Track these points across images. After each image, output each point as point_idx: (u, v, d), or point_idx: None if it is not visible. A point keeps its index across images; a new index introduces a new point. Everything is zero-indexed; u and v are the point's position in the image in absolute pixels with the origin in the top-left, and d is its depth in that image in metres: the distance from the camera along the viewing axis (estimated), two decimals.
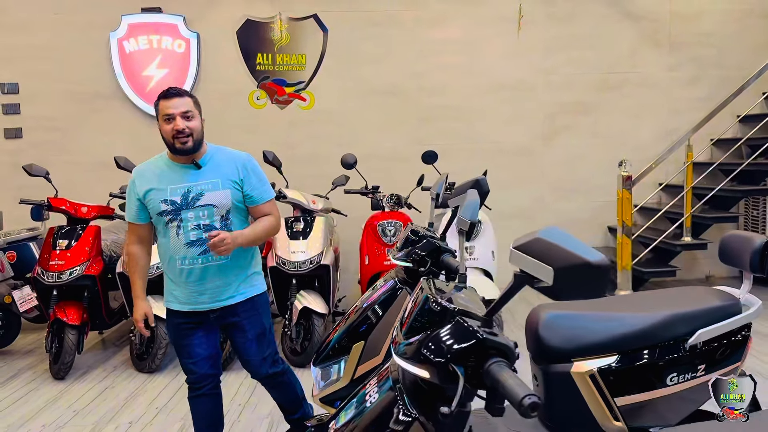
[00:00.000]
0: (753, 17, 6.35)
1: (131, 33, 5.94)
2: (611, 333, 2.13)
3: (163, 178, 2.52)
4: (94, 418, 3.62)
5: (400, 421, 1.13)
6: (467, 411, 1.18)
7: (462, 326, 1.11)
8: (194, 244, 2.49)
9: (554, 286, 0.99)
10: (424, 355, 1.09)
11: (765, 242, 2.21)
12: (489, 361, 1.04)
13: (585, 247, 1.00)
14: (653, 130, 6.31)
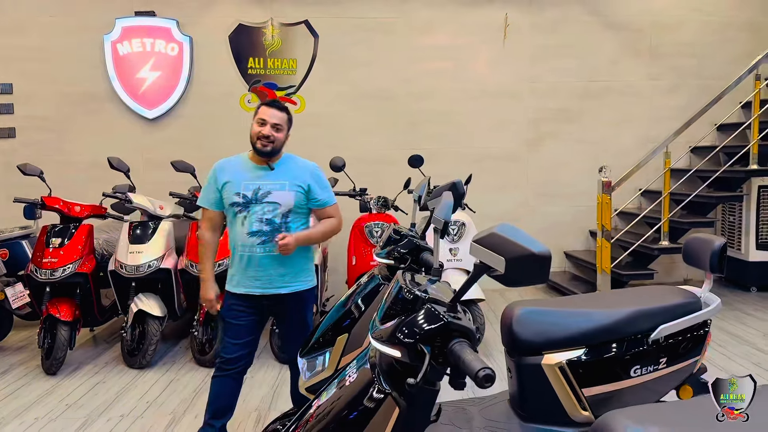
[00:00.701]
0: (732, 29, 6.56)
1: (125, 36, 6.05)
2: (580, 328, 2.28)
3: (241, 173, 2.85)
4: (85, 412, 3.71)
5: (374, 397, 1.26)
6: (436, 390, 1.31)
7: (430, 311, 1.24)
8: (255, 234, 2.78)
9: (505, 274, 1.14)
10: (397, 337, 1.22)
11: (723, 244, 2.36)
12: (452, 341, 1.18)
13: (532, 240, 1.15)
14: (634, 137, 6.50)
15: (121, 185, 4.98)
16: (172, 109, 6.23)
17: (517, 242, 1.14)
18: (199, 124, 6.27)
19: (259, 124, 2.82)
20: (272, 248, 2.76)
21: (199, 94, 6.25)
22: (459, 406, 2.59)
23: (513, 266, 1.13)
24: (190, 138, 6.23)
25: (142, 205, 4.70)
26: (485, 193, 6.16)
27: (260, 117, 2.82)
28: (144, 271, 4.47)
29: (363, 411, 1.25)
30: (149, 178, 5.92)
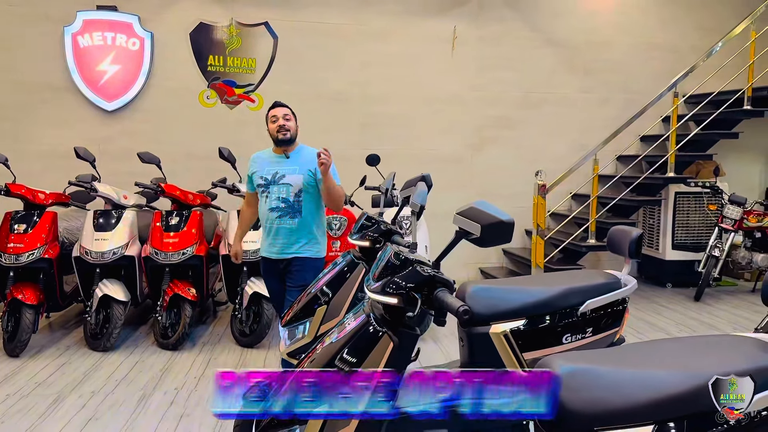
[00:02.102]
0: (655, 50, 7.26)
1: (86, 29, 6.14)
2: (521, 302, 2.70)
3: (265, 162, 3.62)
4: (56, 389, 3.88)
5: (374, 335, 1.61)
6: (417, 334, 1.67)
7: (420, 269, 1.61)
8: (274, 209, 3.51)
9: (480, 237, 1.53)
10: (395, 287, 1.58)
11: (640, 234, 2.85)
12: (437, 289, 1.55)
13: (500, 211, 1.54)
14: (567, 145, 7.08)
15: (84, 175, 5.10)
16: (132, 102, 6.35)
17: (489, 213, 1.53)
18: (158, 118, 6.42)
19: (273, 122, 3.57)
20: (287, 220, 3.48)
21: (158, 89, 6.39)
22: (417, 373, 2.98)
23: (486, 231, 1.52)
24: (148, 131, 6.36)
25: (107, 195, 4.86)
26: (433, 192, 6.55)
27: (272, 116, 3.59)
28: (109, 258, 4.64)
29: (364, 345, 1.60)
30: (106, 169, 6.00)
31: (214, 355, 4.58)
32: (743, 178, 7.55)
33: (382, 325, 1.62)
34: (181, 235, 4.77)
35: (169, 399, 3.74)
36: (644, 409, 1.65)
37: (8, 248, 4.50)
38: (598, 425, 1.65)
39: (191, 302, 4.69)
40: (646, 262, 7.24)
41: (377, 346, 1.58)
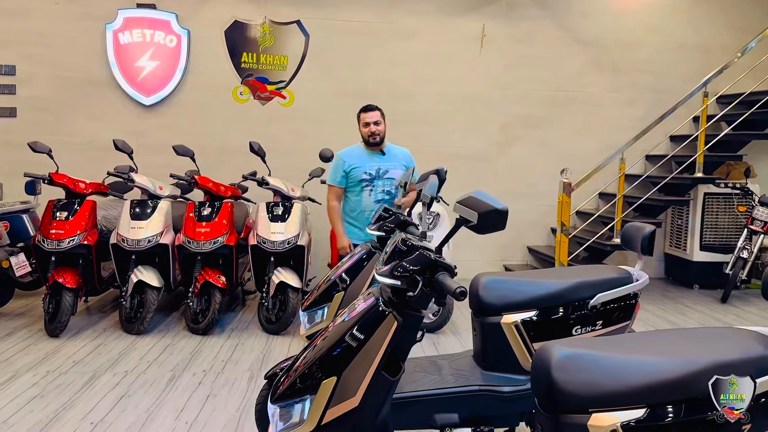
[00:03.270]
0: (685, 50, 7.20)
1: (126, 26, 6.40)
2: (533, 294, 2.79)
3: (363, 159, 4.05)
4: (92, 368, 4.10)
5: (380, 314, 1.73)
6: (421, 316, 1.79)
7: (423, 254, 1.72)
8: (380, 201, 4.01)
9: (477, 224, 1.63)
10: (400, 271, 1.70)
11: (653, 231, 2.91)
12: (438, 273, 1.66)
13: (496, 201, 1.65)
14: (594, 144, 7.08)
15: (122, 165, 5.34)
16: (168, 97, 6.59)
17: (486, 202, 1.64)
18: (193, 113, 6.65)
19: (365, 126, 4.07)
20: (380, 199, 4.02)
21: (194, 84, 6.62)
22: (431, 360, 3.09)
23: (482, 218, 1.63)
24: (183, 125, 6.60)
25: (144, 185, 5.09)
26: (457, 189, 6.57)
27: (364, 121, 4.06)
28: (144, 246, 4.86)
29: (371, 324, 1.72)
30: (142, 161, 6.24)
31: (241, 340, 4.76)
32: None
33: (389, 306, 1.74)
34: (213, 225, 4.97)
35: (198, 380, 3.93)
36: (637, 392, 1.73)
37: (51, 234, 4.76)
38: (593, 406, 1.74)
39: (221, 289, 4.88)
40: (673, 263, 7.20)
41: (382, 325, 1.70)
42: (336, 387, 1.67)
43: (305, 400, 1.70)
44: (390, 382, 1.72)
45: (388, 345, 1.69)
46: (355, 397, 1.66)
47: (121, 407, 3.50)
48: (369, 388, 1.67)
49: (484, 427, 2.72)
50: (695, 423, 1.72)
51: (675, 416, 1.72)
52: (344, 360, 1.68)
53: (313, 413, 1.67)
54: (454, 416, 2.72)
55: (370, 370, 1.67)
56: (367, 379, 1.67)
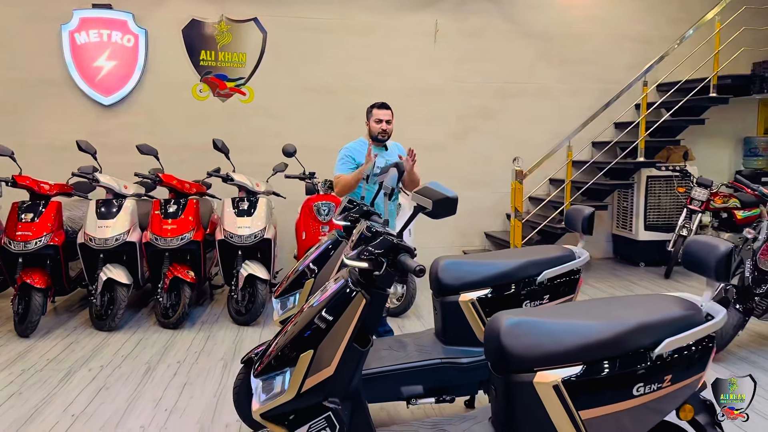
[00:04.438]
0: (627, 41, 7.61)
1: (82, 26, 6.41)
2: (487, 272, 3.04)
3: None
4: (67, 364, 4.21)
5: (349, 293, 1.95)
6: (386, 294, 2.01)
7: (386, 239, 1.95)
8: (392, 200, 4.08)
9: (432, 210, 1.87)
10: (366, 254, 1.92)
11: (592, 212, 3.20)
12: (399, 254, 1.89)
13: (447, 190, 1.89)
14: (544, 133, 7.41)
15: (85, 166, 5.40)
16: (128, 97, 6.64)
17: (439, 191, 1.88)
18: (153, 111, 6.71)
19: (376, 122, 4.09)
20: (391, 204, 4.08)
21: (153, 83, 6.68)
22: (397, 338, 3.34)
23: (436, 205, 1.86)
24: (144, 124, 6.65)
25: (109, 185, 5.17)
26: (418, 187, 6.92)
27: (377, 118, 4.09)
28: (112, 244, 4.95)
29: (342, 302, 1.94)
30: (104, 161, 6.28)
31: (212, 332, 4.91)
32: (713, 163, 7.93)
33: (357, 286, 1.96)
34: (179, 221, 5.09)
35: (173, 371, 4.08)
36: (575, 351, 2.00)
37: (17, 236, 4.80)
38: (538, 366, 2.00)
39: (190, 284, 5.02)
40: (620, 242, 7.63)
41: (353, 302, 1.92)
42: (313, 359, 1.88)
43: (285, 373, 1.91)
44: (360, 353, 1.94)
45: (358, 320, 1.91)
46: (330, 367, 1.88)
47: (100, 399, 3.63)
48: (342, 358, 1.89)
49: (446, 396, 2.98)
50: (624, 375, 2.00)
51: (607, 370, 1.99)
52: (319, 335, 1.89)
53: (293, 383, 1.88)
54: (419, 388, 2.98)
55: (343, 342, 1.89)
56: (341, 351, 1.89)
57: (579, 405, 1.97)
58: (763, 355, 4.37)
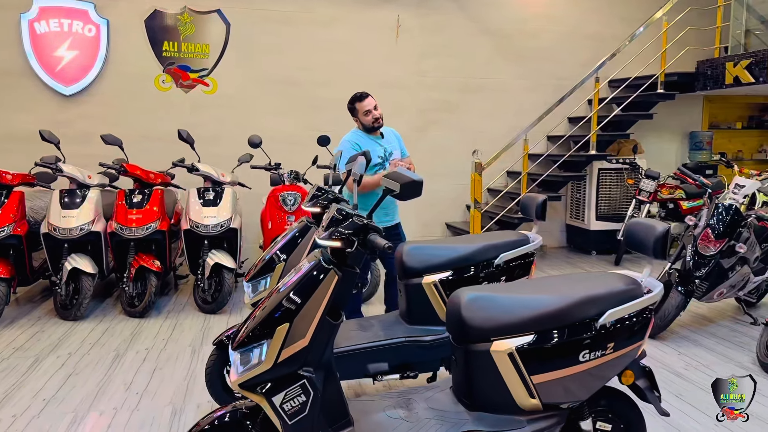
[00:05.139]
0: (581, 39, 7.91)
1: (42, 15, 6.33)
2: (448, 257, 3.23)
3: (370, 142, 4.10)
4: (34, 352, 4.23)
5: (322, 270, 2.09)
6: (356, 272, 2.17)
7: (357, 220, 2.11)
8: None
9: (400, 193, 2.04)
10: (338, 235, 2.07)
11: (544, 200, 3.42)
12: (369, 234, 2.05)
13: (414, 174, 2.06)
14: (503, 127, 7.66)
15: (48, 156, 5.37)
16: (89, 87, 6.59)
17: (406, 175, 2.05)
18: (115, 102, 6.68)
19: (365, 114, 4.10)
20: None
21: (115, 73, 6.65)
22: (364, 320, 3.51)
23: (404, 188, 2.03)
24: (106, 114, 6.62)
25: (73, 174, 5.17)
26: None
27: (365, 109, 4.09)
28: (76, 234, 4.97)
29: (315, 278, 2.08)
30: (65, 151, 6.23)
31: (179, 320, 4.99)
32: (661, 156, 8.33)
33: (330, 264, 2.11)
34: (144, 211, 5.13)
35: (142, 357, 4.16)
36: (526, 322, 2.20)
37: None
38: (494, 336, 2.20)
39: (156, 273, 5.07)
40: (573, 232, 7.96)
41: (326, 279, 2.07)
42: (289, 331, 2.02)
43: (262, 345, 2.05)
44: (333, 326, 2.09)
45: (330, 295, 2.06)
46: (305, 338, 2.03)
47: (70, 384, 3.69)
48: (316, 330, 2.04)
49: (410, 372, 3.16)
50: (571, 343, 2.21)
51: (556, 339, 2.20)
52: (295, 309, 2.04)
53: (270, 354, 2.02)
54: (384, 365, 3.15)
55: (317, 315, 2.04)
56: (315, 323, 2.04)
57: (531, 370, 2.18)
58: (702, 334, 4.70)
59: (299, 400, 2.03)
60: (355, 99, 4.14)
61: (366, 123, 4.11)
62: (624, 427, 2.47)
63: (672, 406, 3.42)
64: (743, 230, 4.50)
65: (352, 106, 4.16)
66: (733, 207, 4.46)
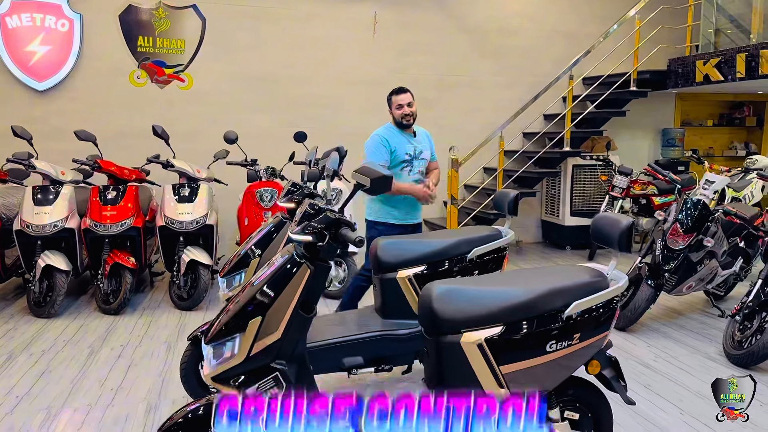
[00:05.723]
0: (556, 36, 8.01)
1: (14, 9, 6.25)
2: (422, 251, 3.27)
3: (401, 140, 4.06)
4: (7, 350, 4.19)
5: (295, 264, 2.12)
6: (329, 266, 2.20)
7: (329, 215, 2.14)
8: (417, 181, 4.07)
9: (370, 187, 2.07)
10: (310, 229, 2.10)
11: (516, 195, 3.48)
12: (341, 228, 2.09)
13: (383, 169, 2.09)
14: (479, 124, 7.72)
15: (20, 152, 5.30)
16: (63, 82, 6.51)
17: (376, 170, 2.09)
18: (89, 97, 6.61)
19: (398, 108, 4.04)
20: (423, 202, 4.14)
21: (89, 69, 6.58)
22: (339, 315, 3.55)
23: (374, 182, 2.06)
24: (80, 110, 6.55)
25: (45, 171, 5.11)
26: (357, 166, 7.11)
27: (398, 104, 4.04)
28: (50, 231, 4.92)
29: (287, 273, 2.11)
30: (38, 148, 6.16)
31: (155, 317, 4.97)
32: (634, 152, 8.48)
33: (302, 258, 2.14)
34: (119, 208, 5.10)
35: (117, 353, 4.14)
36: (495, 314, 2.25)
37: None
38: (464, 327, 2.24)
39: (131, 270, 5.04)
40: (548, 228, 8.07)
41: (298, 272, 2.10)
42: (261, 325, 2.05)
43: (235, 338, 2.07)
44: (305, 319, 2.12)
45: (303, 288, 2.09)
46: (277, 332, 2.06)
47: (44, 381, 3.67)
48: (288, 323, 2.07)
49: (385, 365, 3.19)
50: (538, 334, 2.26)
51: (523, 330, 2.25)
52: (267, 303, 2.06)
53: (242, 347, 2.04)
54: (359, 359, 3.18)
55: (289, 309, 2.07)
56: (287, 317, 2.07)
57: (500, 361, 2.22)
58: (672, 326, 4.81)
59: (272, 393, 2.06)
60: (393, 92, 4.12)
61: (396, 117, 4.10)
62: (591, 416, 2.53)
63: (640, 396, 3.50)
64: (711, 225, 4.61)
65: (389, 98, 4.15)
66: (701, 202, 4.57)
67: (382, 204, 4.10)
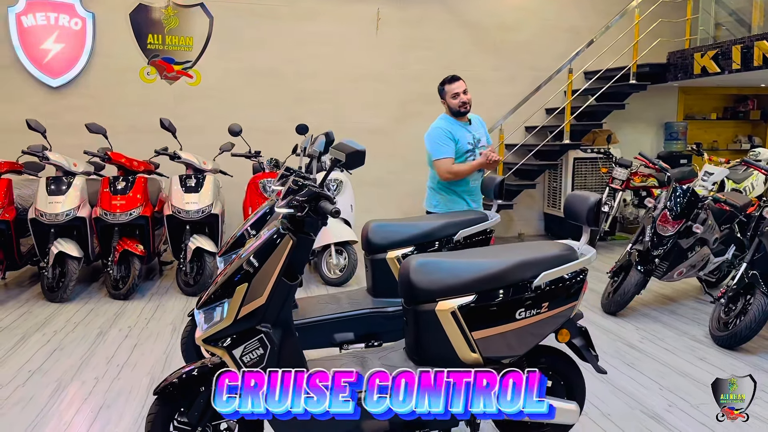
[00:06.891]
0: (557, 31, 8.11)
1: (29, 9, 6.49)
2: (411, 233, 3.43)
3: (460, 130, 3.99)
4: (21, 330, 4.41)
5: (279, 235, 2.29)
6: (312, 239, 2.37)
7: (310, 188, 2.31)
8: (479, 171, 4.01)
9: (346, 162, 2.24)
10: (293, 202, 2.27)
11: (502, 180, 3.62)
12: (320, 201, 2.26)
13: (358, 144, 2.26)
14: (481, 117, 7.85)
15: (35, 145, 5.54)
16: (76, 79, 6.75)
17: (351, 145, 2.26)
18: (101, 94, 6.85)
19: (453, 97, 3.97)
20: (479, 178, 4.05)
21: (101, 66, 6.81)
22: (332, 295, 3.71)
23: (349, 157, 2.24)
24: (92, 106, 6.78)
25: (59, 162, 5.33)
26: None
27: (453, 93, 3.97)
28: (62, 219, 5.14)
29: (271, 243, 2.28)
30: (52, 143, 6.39)
31: (162, 302, 5.17)
32: (636, 146, 8.50)
33: (286, 230, 2.31)
34: (128, 198, 5.31)
35: (124, 334, 4.34)
36: (468, 284, 2.40)
37: None
38: (439, 296, 2.40)
39: (139, 257, 5.25)
40: (550, 220, 8.18)
41: (282, 243, 2.26)
42: (247, 291, 2.22)
43: (224, 304, 2.24)
44: (289, 286, 2.29)
45: (286, 257, 2.26)
46: (262, 297, 2.22)
47: (55, 358, 3.88)
48: (273, 289, 2.24)
49: (375, 341, 3.36)
50: (508, 302, 2.41)
51: (494, 299, 2.41)
52: (253, 271, 2.24)
53: (230, 311, 2.21)
54: (350, 335, 3.35)
55: (274, 276, 2.24)
56: (271, 283, 2.24)
57: (472, 327, 2.38)
58: (663, 312, 4.92)
59: (257, 353, 2.23)
60: (446, 81, 4.03)
61: (452, 106, 3.98)
62: (564, 384, 2.67)
63: (622, 373, 3.64)
64: (700, 212, 4.71)
65: (442, 88, 4.05)
66: (690, 189, 4.67)
67: (442, 194, 4.08)
